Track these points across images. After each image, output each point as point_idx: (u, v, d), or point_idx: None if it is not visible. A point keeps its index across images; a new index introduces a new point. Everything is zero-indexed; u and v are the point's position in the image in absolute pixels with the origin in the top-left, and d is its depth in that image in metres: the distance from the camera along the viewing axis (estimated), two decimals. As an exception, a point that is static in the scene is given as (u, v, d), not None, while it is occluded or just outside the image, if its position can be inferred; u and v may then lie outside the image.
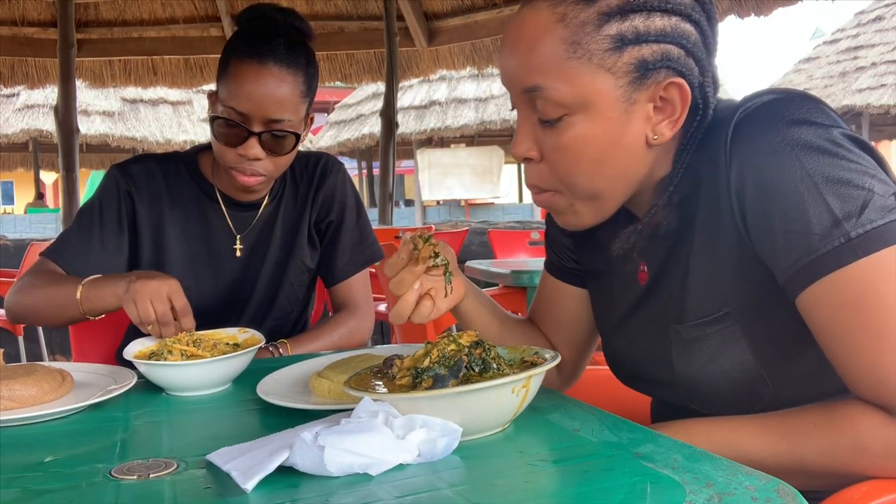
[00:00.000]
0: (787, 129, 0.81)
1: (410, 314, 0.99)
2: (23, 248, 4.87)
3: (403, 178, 22.73)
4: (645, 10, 0.83)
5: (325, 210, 1.64)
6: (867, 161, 0.81)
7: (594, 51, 0.83)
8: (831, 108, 0.85)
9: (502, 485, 0.68)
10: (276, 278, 1.61)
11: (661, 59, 0.84)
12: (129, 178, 1.54)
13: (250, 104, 1.38)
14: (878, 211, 0.78)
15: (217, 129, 1.42)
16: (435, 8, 6.58)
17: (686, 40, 0.85)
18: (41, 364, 1.10)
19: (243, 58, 1.39)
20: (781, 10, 5.45)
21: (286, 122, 1.41)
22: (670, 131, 0.88)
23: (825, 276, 0.79)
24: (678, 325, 0.93)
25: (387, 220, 6.64)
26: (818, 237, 0.78)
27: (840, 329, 0.80)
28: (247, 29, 1.44)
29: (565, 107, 0.86)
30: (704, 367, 0.92)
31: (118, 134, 13.32)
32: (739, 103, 0.88)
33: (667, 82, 0.85)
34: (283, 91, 1.39)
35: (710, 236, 0.89)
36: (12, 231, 12.66)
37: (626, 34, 0.83)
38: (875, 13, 14.72)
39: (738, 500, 0.61)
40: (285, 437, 0.78)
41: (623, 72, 0.84)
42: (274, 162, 1.45)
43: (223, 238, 1.58)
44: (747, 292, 0.88)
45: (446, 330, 1.05)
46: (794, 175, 0.79)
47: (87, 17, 6.46)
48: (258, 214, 1.60)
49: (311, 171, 1.64)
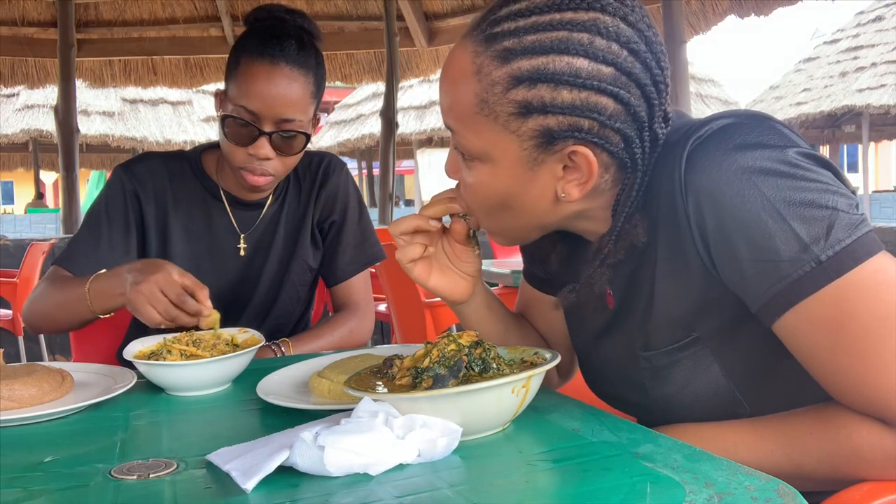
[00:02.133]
0: (741, 156, 0.79)
1: (408, 256, 1.01)
2: (23, 248, 4.87)
3: (403, 178, 22.74)
4: (552, 82, 0.79)
5: (328, 210, 1.64)
6: (826, 177, 0.79)
7: (500, 112, 0.83)
8: (784, 123, 0.83)
9: (502, 485, 0.68)
10: (278, 277, 1.61)
11: (568, 130, 0.81)
12: (133, 177, 1.55)
13: (261, 104, 1.38)
14: (844, 229, 0.76)
15: (227, 129, 1.42)
16: (435, 8, 6.59)
17: (599, 114, 0.81)
18: (41, 364, 1.10)
19: (255, 57, 1.39)
20: (781, 10, 5.45)
21: (296, 122, 1.41)
22: (579, 193, 0.86)
23: (800, 302, 0.78)
24: (646, 352, 0.93)
25: (387, 220, 6.65)
26: (788, 263, 0.77)
27: (822, 351, 0.79)
28: (257, 29, 1.44)
29: (471, 154, 0.88)
30: (678, 392, 0.91)
31: (118, 134, 13.31)
32: (690, 130, 0.85)
33: (571, 150, 0.83)
34: (294, 91, 1.40)
35: (674, 264, 0.87)
36: (12, 231, 12.66)
37: (531, 102, 0.80)
38: (875, 13, 14.71)
39: (738, 500, 0.61)
40: (285, 437, 0.78)
41: (528, 136, 0.83)
42: (283, 162, 1.45)
43: (227, 237, 1.58)
44: (715, 317, 0.87)
45: (446, 330, 1.05)
46: (754, 203, 0.78)
47: (87, 17, 6.46)
48: (262, 214, 1.60)
49: (314, 170, 1.64)
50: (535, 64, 0.80)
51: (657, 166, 0.88)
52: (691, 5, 5.71)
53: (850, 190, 0.82)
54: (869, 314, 0.76)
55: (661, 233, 0.88)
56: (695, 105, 13.10)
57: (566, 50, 0.79)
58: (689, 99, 5.27)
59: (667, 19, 4.97)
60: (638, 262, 0.92)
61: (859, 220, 0.78)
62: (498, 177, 0.87)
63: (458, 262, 1.04)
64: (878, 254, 0.77)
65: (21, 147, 15.29)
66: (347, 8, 6.68)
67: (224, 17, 6.52)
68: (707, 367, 0.89)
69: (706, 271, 0.84)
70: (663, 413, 0.95)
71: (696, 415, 0.91)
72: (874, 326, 0.76)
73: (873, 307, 0.76)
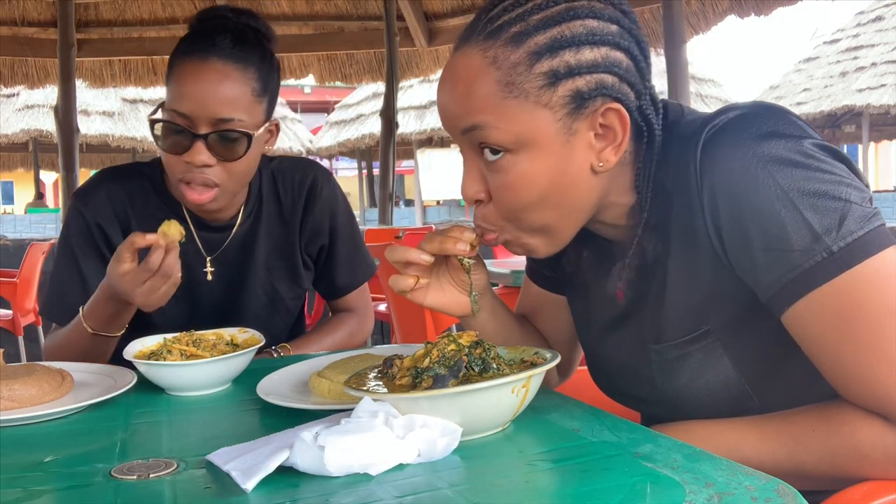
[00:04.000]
0: (757, 145, 0.80)
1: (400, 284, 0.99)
2: (23, 248, 4.88)
3: (403, 178, 22.74)
4: (574, 45, 0.82)
5: (319, 235, 1.54)
6: (841, 169, 0.80)
7: (529, 89, 0.83)
8: (799, 116, 0.84)
9: (502, 485, 0.68)
10: (266, 300, 1.51)
11: (596, 88, 0.83)
12: (92, 210, 1.42)
13: (192, 103, 1.26)
14: (857, 221, 0.77)
15: (161, 137, 1.30)
16: (435, 8, 6.59)
17: (618, 67, 0.84)
18: (41, 364, 1.10)
19: (183, 57, 1.30)
20: (781, 10, 5.45)
21: (236, 121, 1.28)
22: (615, 156, 0.87)
23: (810, 292, 0.78)
24: (657, 344, 0.93)
25: (387, 220, 6.65)
26: (799, 253, 0.77)
27: (830, 343, 0.79)
28: (192, 29, 1.35)
29: (506, 145, 0.85)
30: (688, 385, 0.92)
31: (118, 134, 13.31)
32: (706, 119, 0.86)
33: (604, 108, 0.85)
34: (229, 88, 1.27)
35: (687, 256, 0.88)
36: (12, 231, 12.67)
37: (558, 69, 0.83)
38: (875, 13, 14.73)
39: (738, 500, 0.61)
40: (285, 437, 0.78)
41: (559, 105, 0.84)
42: (227, 169, 1.30)
43: (192, 261, 1.42)
44: (727, 309, 0.88)
45: (446, 330, 1.05)
46: (768, 192, 0.78)
47: (87, 17, 6.47)
48: (231, 234, 1.46)
49: (297, 188, 1.51)
50: (551, 35, 0.83)
51: (672, 156, 0.89)
52: (691, 5, 5.72)
53: (865, 183, 0.82)
54: (878, 306, 0.76)
55: (674, 224, 0.88)
56: (695, 105, 13.05)
57: (575, 16, 0.83)
58: (689, 99, 5.27)
59: (667, 19, 4.98)
60: (651, 255, 0.92)
61: (872, 213, 0.78)
62: (537, 160, 0.85)
63: (459, 280, 1.02)
64: (889, 247, 0.77)
65: (21, 147, 15.30)
66: (347, 8, 6.69)
67: (224, 17, 6.51)
68: (717, 360, 0.89)
69: (718, 261, 0.85)
70: (671, 407, 0.95)
71: (704, 408, 0.92)
72: (883, 319, 0.76)
73: (883, 299, 0.76)
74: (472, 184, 0.90)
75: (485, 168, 0.89)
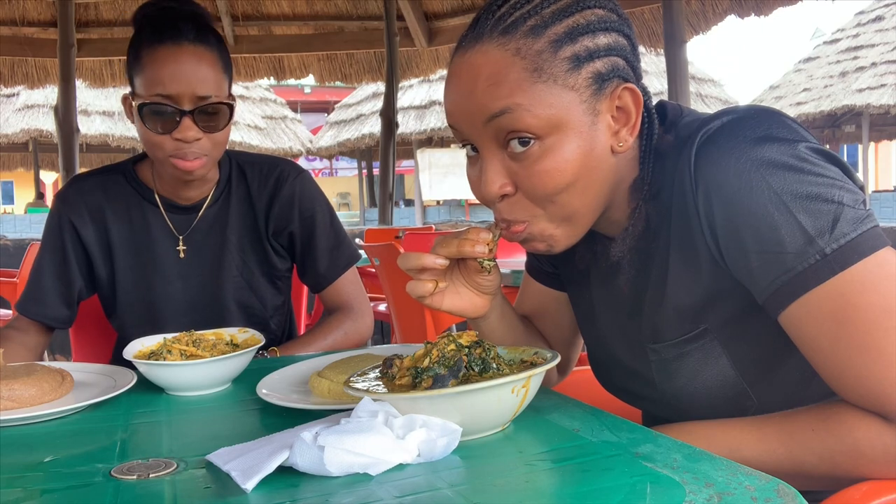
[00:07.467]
0: (751, 149, 0.81)
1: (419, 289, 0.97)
2: (23, 248, 4.87)
3: (403, 178, 22.74)
4: (590, 32, 0.86)
5: (284, 220, 1.59)
6: (834, 172, 0.81)
7: (557, 73, 0.85)
8: (795, 120, 0.85)
9: (502, 485, 0.68)
10: (243, 283, 1.58)
11: (612, 70, 0.87)
12: (67, 206, 1.56)
13: (176, 84, 1.37)
14: (849, 223, 0.77)
15: (148, 120, 1.40)
16: (435, 8, 6.60)
17: (626, 51, 0.89)
18: (41, 364, 1.10)
19: (156, 45, 1.39)
20: (781, 10, 5.45)
21: (213, 97, 1.41)
22: (631, 136, 0.90)
23: (804, 294, 0.79)
24: (655, 343, 0.94)
25: (387, 220, 6.65)
26: (793, 256, 0.78)
27: (825, 344, 0.80)
28: (149, 22, 1.43)
29: (536, 130, 0.85)
30: (687, 384, 0.92)
31: (118, 134, 13.33)
32: (702, 122, 0.88)
33: (621, 89, 0.88)
34: (204, 68, 1.40)
35: (684, 256, 0.89)
36: (12, 231, 12.68)
37: (579, 54, 0.86)
38: (875, 13, 14.75)
39: (738, 500, 0.61)
40: (285, 437, 0.78)
41: (583, 87, 0.86)
42: (212, 140, 1.43)
43: (165, 241, 1.56)
44: (725, 308, 0.88)
45: (446, 330, 1.05)
46: (762, 196, 0.79)
47: (87, 17, 6.47)
48: (199, 215, 1.57)
49: (264, 176, 1.60)
50: (567, 24, 0.86)
51: (669, 158, 0.90)
52: (691, 5, 5.72)
53: (859, 186, 0.82)
54: (872, 307, 0.77)
55: (672, 225, 0.89)
56: (695, 105, 13.07)
57: (585, 6, 0.87)
58: (689, 99, 5.27)
59: (667, 19, 4.98)
60: (650, 255, 0.93)
61: (864, 215, 0.79)
62: (568, 143, 0.86)
63: (473, 282, 1.00)
64: (882, 248, 0.78)
65: (21, 147, 15.31)
66: (347, 8, 6.69)
67: (224, 17, 6.53)
68: (716, 359, 0.90)
69: (715, 263, 0.86)
70: (671, 405, 0.96)
71: (703, 408, 0.92)
72: (877, 320, 0.77)
73: (877, 300, 0.77)
74: (497, 178, 0.89)
75: (510, 160, 0.88)
